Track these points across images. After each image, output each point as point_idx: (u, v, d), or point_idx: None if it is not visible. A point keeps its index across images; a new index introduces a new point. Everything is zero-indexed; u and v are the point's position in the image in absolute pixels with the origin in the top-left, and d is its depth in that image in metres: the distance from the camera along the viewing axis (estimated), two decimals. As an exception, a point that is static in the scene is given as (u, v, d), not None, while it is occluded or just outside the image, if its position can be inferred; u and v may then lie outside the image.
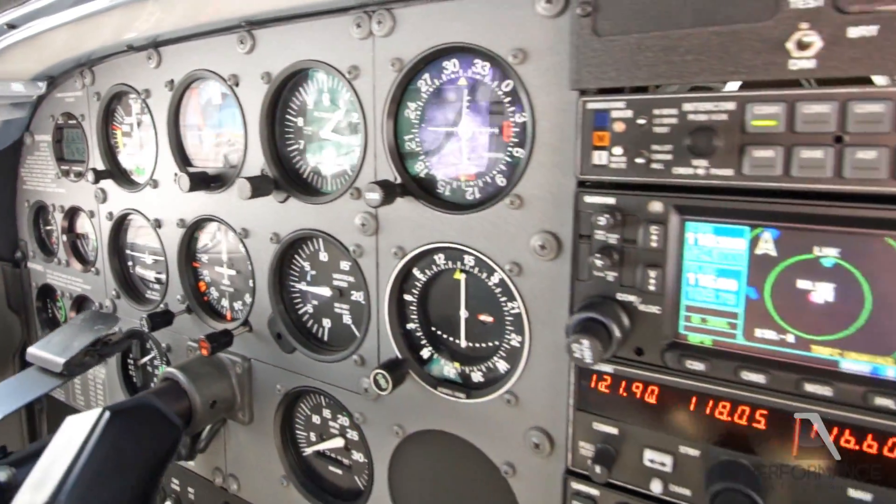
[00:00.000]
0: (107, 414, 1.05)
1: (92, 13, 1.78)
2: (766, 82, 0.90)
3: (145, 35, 1.79)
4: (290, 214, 1.62)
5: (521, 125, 1.24)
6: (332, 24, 1.44)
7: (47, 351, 1.70)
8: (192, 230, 1.92)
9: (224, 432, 1.93)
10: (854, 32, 0.82)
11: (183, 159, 1.90)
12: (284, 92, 1.63)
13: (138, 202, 2.04)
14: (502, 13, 1.20)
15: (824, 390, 0.90)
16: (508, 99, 1.26)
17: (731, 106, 0.92)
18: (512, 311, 1.31)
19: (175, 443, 1.16)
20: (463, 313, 1.41)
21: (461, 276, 1.40)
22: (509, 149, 1.28)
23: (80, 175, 2.25)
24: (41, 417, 2.68)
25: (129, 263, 2.22)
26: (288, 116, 1.64)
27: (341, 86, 1.50)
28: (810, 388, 0.91)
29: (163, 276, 2.02)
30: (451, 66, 1.34)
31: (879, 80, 0.90)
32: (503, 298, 1.32)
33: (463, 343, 1.43)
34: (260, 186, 1.56)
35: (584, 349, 0.95)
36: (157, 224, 1.98)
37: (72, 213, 2.37)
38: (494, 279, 1.32)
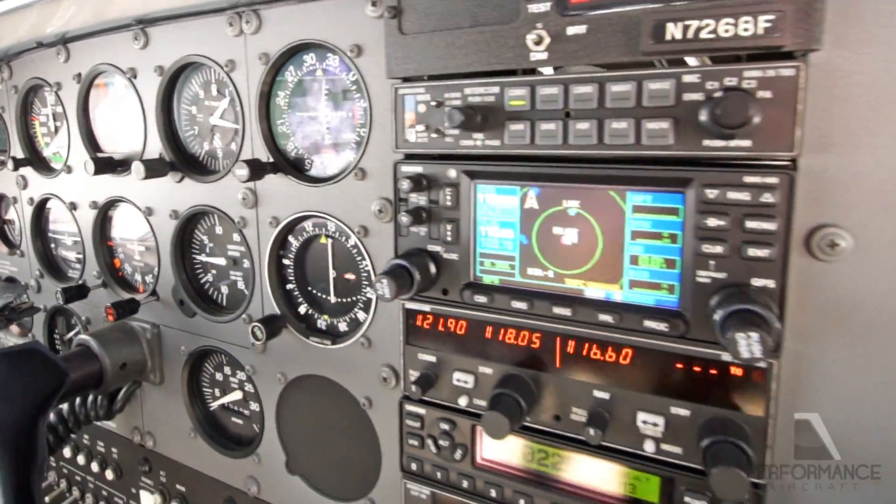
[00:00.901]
0: (-8, 355, 1.25)
1: (14, 9, 1.95)
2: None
3: (58, 32, 1.95)
4: (185, 193, 1.82)
5: (365, 109, 1.46)
6: (211, 24, 1.64)
7: (-44, 317, 1.87)
8: (105, 211, 2.10)
9: (140, 394, 2.13)
10: (571, 31, 1.06)
11: (93, 146, 2.08)
12: (178, 83, 1.82)
13: (56, 187, 2.21)
14: (342, 14, 1.41)
15: (565, 311, 1.14)
16: (354, 87, 1.48)
17: (496, 90, 1.16)
18: (365, 268, 1.54)
19: (60, 384, 1.34)
20: (331, 273, 1.63)
21: (327, 241, 1.62)
22: (357, 129, 1.50)
23: (2, 164, 2.40)
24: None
25: (52, 245, 2.39)
26: (184, 105, 1.84)
27: (223, 77, 1.69)
28: (556, 310, 1.15)
29: (82, 256, 2.19)
30: (309, 59, 1.55)
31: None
32: (359, 258, 1.55)
33: (332, 299, 1.65)
34: (155, 168, 1.76)
35: (384, 287, 1.18)
36: (73, 207, 2.15)
37: (-2, 200, 2.52)
38: (351, 242, 1.55)
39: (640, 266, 1.10)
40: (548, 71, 1.23)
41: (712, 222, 0.99)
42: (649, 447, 1.11)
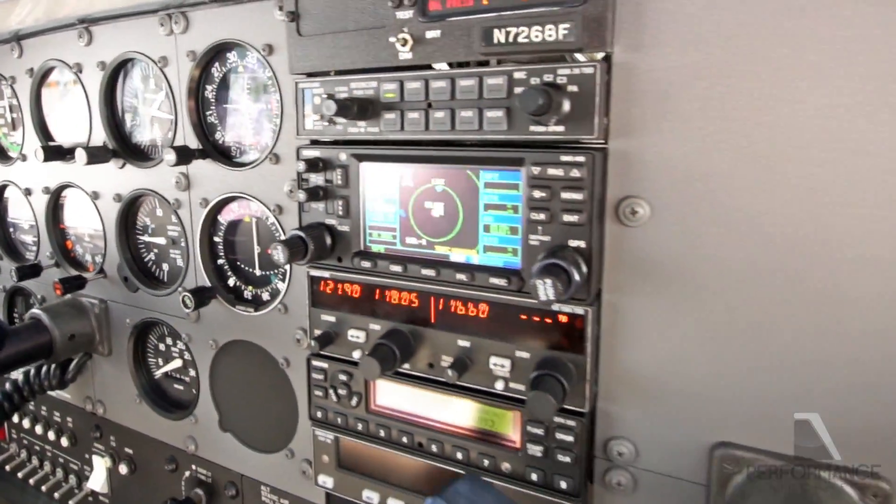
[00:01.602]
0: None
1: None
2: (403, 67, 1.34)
3: (13, 29, 2.12)
4: (127, 178, 2.00)
5: (278, 101, 1.65)
6: (146, 23, 1.82)
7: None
8: (56, 196, 2.27)
9: (91, 365, 2.30)
10: (429, 34, 1.26)
11: (45, 135, 2.25)
12: (121, 77, 2.00)
13: (13, 175, 2.37)
14: (257, 17, 1.60)
15: (431, 272, 1.35)
16: (270, 82, 1.67)
17: (374, 84, 1.35)
18: (282, 243, 1.73)
19: None
20: (256, 249, 1.83)
21: (251, 220, 1.81)
22: (273, 119, 1.69)
23: (-38, 153, 2.55)
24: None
25: (11, 229, 2.55)
26: (126, 98, 2.02)
27: (159, 73, 1.87)
28: (424, 272, 1.35)
29: (37, 238, 2.36)
30: (231, 57, 1.74)
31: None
32: (277, 234, 1.74)
33: (258, 272, 1.84)
34: (97, 154, 1.94)
35: (279, 253, 1.37)
36: (28, 192, 2.32)
37: (-41, 188, 2.67)
38: (271, 219, 1.74)
39: (491, 233, 1.31)
40: (442, 66, 1.41)
41: (538, 194, 1.20)
42: (499, 385, 1.32)
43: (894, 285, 1.01)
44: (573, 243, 1.19)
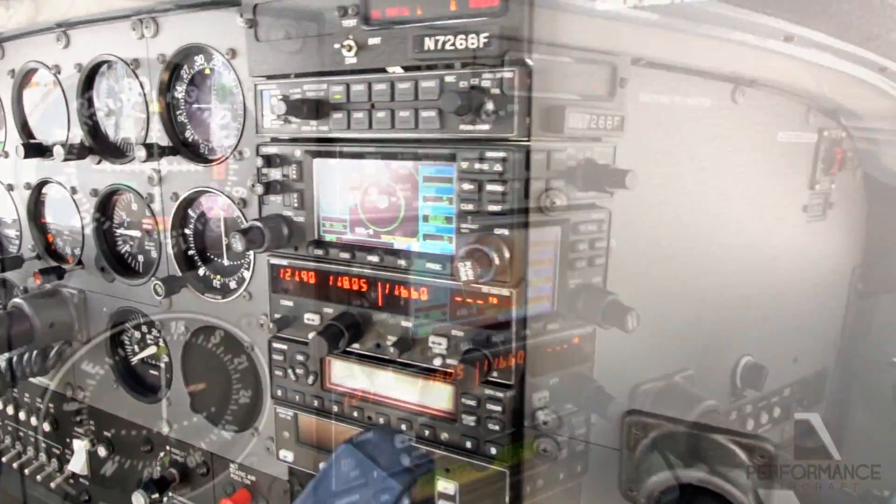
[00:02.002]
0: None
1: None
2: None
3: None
4: (103, 173, 2.12)
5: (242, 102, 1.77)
6: (119, 27, 1.93)
7: None
8: (38, 191, 2.38)
9: (71, 352, 2.42)
10: (371, 41, 1.38)
11: (27, 134, 2.36)
12: (97, 78, 2.12)
13: (-4, 171, 2.49)
14: (221, 23, 1.72)
15: (375, 259, 1.47)
16: (236, 84, 1.79)
17: (324, 86, 1.48)
18: (247, 234, 1.85)
19: None
20: (224, 240, 1.94)
21: (219, 213, 1.93)
22: (238, 119, 1.81)
23: (-52, 151, 2.66)
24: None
25: (-5, 225, 2.67)
26: (103, 98, 2.13)
27: (132, 74, 1.99)
28: (369, 258, 1.48)
29: (19, 232, 2.47)
30: (199, 59, 1.86)
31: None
32: (242, 226, 1.86)
33: (226, 262, 1.96)
34: (74, 152, 2.05)
35: (237, 242, 1.49)
36: (10, 188, 2.43)
37: (-55, 184, 2.77)
38: (236, 212, 1.86)
39: (430, 223, 1.43)
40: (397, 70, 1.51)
41: (466, 186, 1.32)
42: (437, 362, 1.44)
43: (745, 263, 1.17)
44: (497, 231, 1.31)
